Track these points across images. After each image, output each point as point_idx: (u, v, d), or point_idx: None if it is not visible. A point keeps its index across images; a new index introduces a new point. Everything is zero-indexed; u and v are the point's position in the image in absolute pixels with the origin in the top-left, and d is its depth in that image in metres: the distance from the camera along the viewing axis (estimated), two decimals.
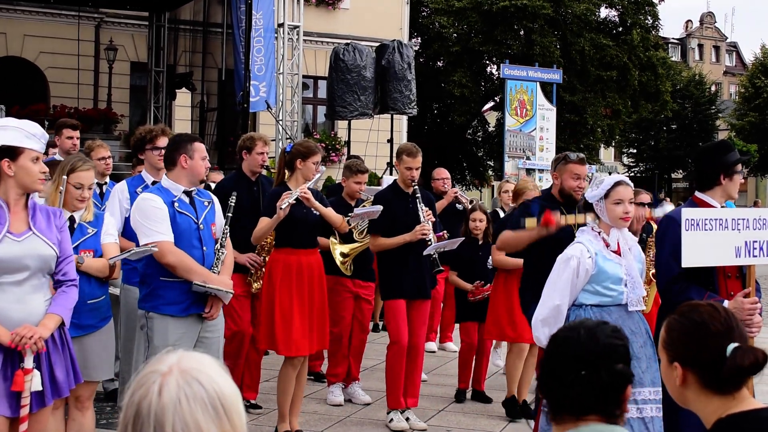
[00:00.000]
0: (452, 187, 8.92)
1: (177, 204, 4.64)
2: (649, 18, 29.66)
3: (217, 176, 9.82)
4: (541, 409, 4.65)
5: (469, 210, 7.43)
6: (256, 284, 6.35)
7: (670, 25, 68.70)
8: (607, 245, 4.29)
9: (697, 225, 4.01)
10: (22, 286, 3.68)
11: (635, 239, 4.59)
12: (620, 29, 29.00)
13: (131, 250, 4.60)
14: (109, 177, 6.80)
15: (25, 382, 3.62)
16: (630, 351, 2.07)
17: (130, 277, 5.67)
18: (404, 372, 6.27)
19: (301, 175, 5.76)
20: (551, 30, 26.86)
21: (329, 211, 5.86)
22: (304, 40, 16.43)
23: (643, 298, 4.50)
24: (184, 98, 19.07)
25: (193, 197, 4.73)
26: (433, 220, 6.26)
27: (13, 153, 3.66)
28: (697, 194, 4.41)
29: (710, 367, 2.12)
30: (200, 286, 4.57)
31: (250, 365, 6.53)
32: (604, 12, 29.36)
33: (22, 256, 3.65)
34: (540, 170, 18.66)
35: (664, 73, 30.91)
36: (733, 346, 2.11)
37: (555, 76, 20.08)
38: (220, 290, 4.65)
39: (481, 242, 7.13)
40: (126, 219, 5.52)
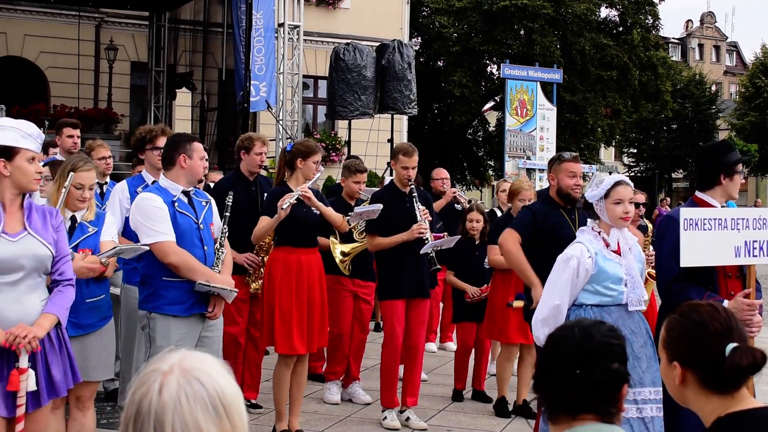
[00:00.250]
0: (452, 187, 8.93)
1: (177, 204, 4.62)
2: (650, 18, 29.68)
3: (216, 176, 9.82)
4: (541, 408, 4.65)
5: (466, 210, 7.44)
6: (254, 284, 6.35)
7: (671, 25, 68.83)
8: (607, 245, 4.29)
9: (696, 225, 4.01)
10: (18, 286, 3.68)
11: (635, 239, 4.59)
12: (620, 29, 29.02)
13: (116, 248, 4.52)
14: (110, 177, 6.81)
15: (21, 381, 3.60)
16: (627, 350, 2.07)
17: (131, 276, 5.65)
18: (398, 371, 6.29)
19: (302, 174, 5.76)
20: (551, 30, 26.87)
21: (330, 211, 5.86)
22: (305, 40, 16.43)
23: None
24: (184, 98, 19.08)
25: (191, 197, 4.72)
26: (430, 219, 6.26)
27: (9, 153, 3.65)
28: (698, 194, 4.41)
29: (709, 366, 2.13)
30: (204, 286, 4.56)
31: (250, 365, 6.53)
32: (604, 12, 29.40)
33: (17, 256, 3.64)
34: (540, 170, 18.68)
35: (664, 73, 30.92)
36: (732, 346, 2.11)
37: (555, 75, 20.10)
38: (224, 289, 4.64)
39: (478, 242, 7.15)
40: (126, 219, 5.51)
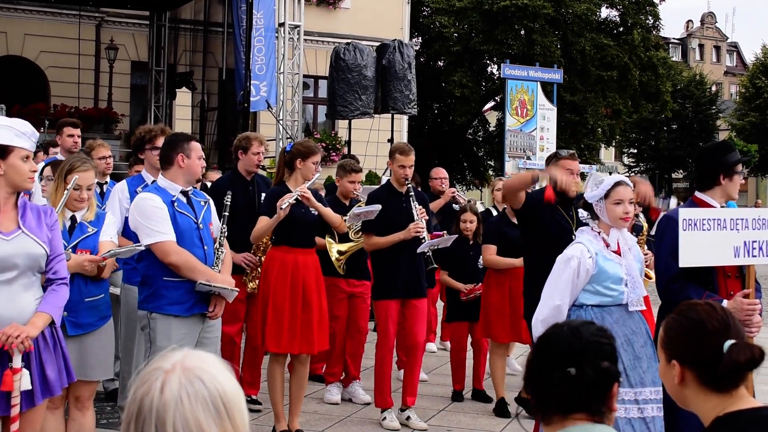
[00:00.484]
0: (451, 186, 8.93)
1: (176, 204, 4.62)
2: (650, 18, 29.68)
3: (215, 176, 9.82)
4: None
5: (459, 211, 7.47)
6: (251, 284, 6.36)
7: (671, 25, 68.85)
8: (607, 245, 4.29)
9: (695, 225, 4.01)
10: (12, 284, 3.67)
11: (635, 239, 4.59)
12: (621, 29, 29.02)
13: (111, 251, 4.50)
14: (110, 176, 6.81)
15: (14, 381, 3.59)
16: (617, 350, 2.08)
17: (131, 276, 5.63)
18: (391, 371, 6.31)
19: (301, 174, 5.76)
20: (552, 30, 26.87)
21: (328, 211, 5.86)
22: (305, 40, 16.42)
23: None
24: (184, 98, 19.06)
25: (190, 197, 4.72)
26: (426, 218, 6.26)
27: (3, 151, 3.64)
28: (697, 194, 4.41)
29: (708, 365, 2.13)
30: (205, 285, 4.55)
31: (249, 362, 6.54)
32: (604, 12, 29.40)
33: (11, 255, 3.63)
34: (540, 170, 18.67)
35: (664, 73, 30.93)
36: (729, 342, 2.12)
37: (556, 75, 20.10)
38: (225, 289, 4.64)
39: (472, 242, 7.21)
40: (126, 219, 5.50)
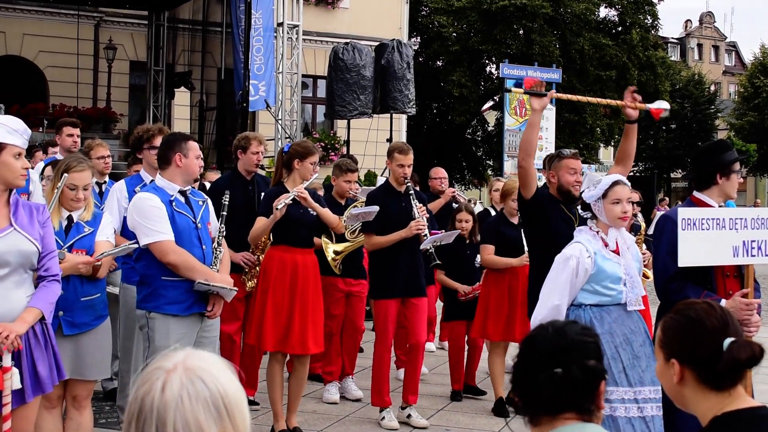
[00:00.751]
0: (450, 186, 8.92)
1: (174, 203, 4.61)
2: (649, 17, 29.72)
3: (214, 176, 9.82)
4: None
5: (455, 210, 7.48)
6: (250, 283, 6.38)
7: (670, 25, 68.56)
8: (606, 245, 4.29)
9: (694, 224, 4.01)
10: (4, 282, 3.66)
11: (633, 238, 4.59)
12: (619, 29, 29.05)
13: (104, 252, 4.49)
14: (109, 176, 6.81)
15: (5, 381, 3.58)
16: (602, 348, 2.08)
17: (130, 276, 5.63)
18: (389, 371, 6.31)
19: (299, 175, 5.76)
20: (551, 29, 26.88)
21: (326, 212, 5.86)
22: (304, 40, 16.41)
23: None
24: (183, 97, 19.07)
25: (188, 197, 4.71)
26: (427, 216, 6.27)
27: None
28: (695, 194, 4.41)
29: (707, 363, 2.14)
30: (203, 285, 4.55)
31: (246, 362, 6.54)
32: (603, 11, 29.43)
33: (3, 252, 3.63)
34: (539, 169, 18.66)
35: (663, 73, 30.94)
36: (729, 340, 2.12)
37: (554, 75, 20.08)
38: (223, 288, 4.63)
39: (468, 241, 7.22)
40: (125, 218, 5.50)
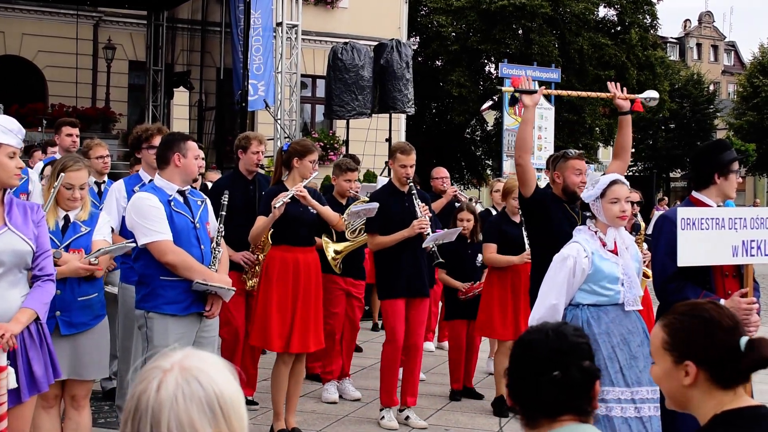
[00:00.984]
0: (451, 186, 8.93)
1: (173, 203, 4.61)
2: (648, 17, 29.70)
3: (214, 176, 9.82)
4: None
5: (456, 210, 7.48)
6: (250, 282, 6.39)
7: (669, 25, 68.82)
8: (604, 245, 4.29)
9: (693, 224, 4.01)
10: None
11: (632, 238, 4.59)
12: (618, 28, 29.04)
13: (101, 249, 4.49)
14: (108, 176, 6.81)
15: (1, 380, 3.57)
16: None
17: (128, 275, 5.62)
18: (399, 371, 6.29)
19: (298, 173, 5.77)
20: (550, 29, 26.87)
21: (326, 210, 5.85)
22: (303, 39, 16.42)
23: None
24: (182, 97, 19.05)
25: (186, 196, 4.71)
26: (429, 215, 6.27)
27: None
28: (694, 194, 4.41)
29: (721, 362, 2.15)
30: (201, 285, 4.55)
31: (246, 361, 6.54)
32: (602, 11, 29.42)
33: None
34: (538, 169, 18.62)
35: (662, 73, 30.92)
36: (745, 338, 2.14)
37: (553, 75, 20.06)
38: (221, 288, 4.63)
39: (469, 241, 7.23)
40: (123, 218, 5.50)
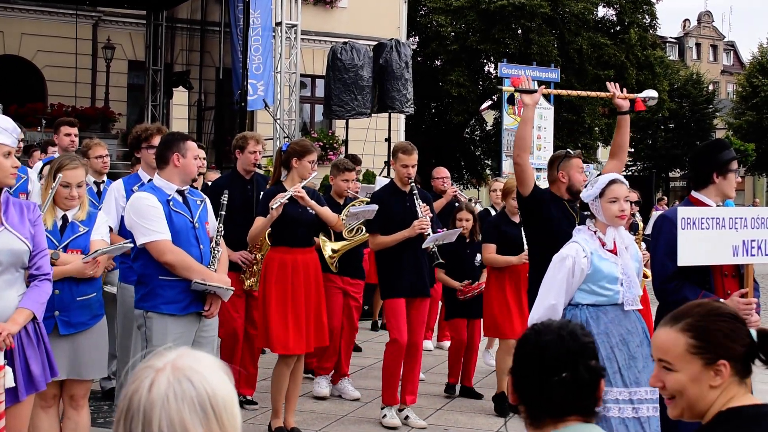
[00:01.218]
0: (451, 186, 8.93)
1: (172, 203, 4.61)
2: (647, 17, 29.70)
3: (214, 175, 9.80)
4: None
5: (455, 210, 7.49)
6: (248, 281, 6.41)
7: (668, 24, 68.86)
8: (603, 244, 4.29)
9: (694, 224, 4.01)
10: None
11: (632, 238, 4.59)
12: (618, 28, 29.03)
13: (98, 250, 4.48)
14: (107, 175, 6.80)
15: None
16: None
17: (127, 275, 5.62)
18: (401, 370, 6.29)
19: (297, 174, 5.76)
20: (549, 29, 26.86)
21: (325, 210, 5.85)
22: (302, 39, 16.41)
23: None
24: (181, 97, 19.03)
25: (186, 196, 4.71)
26: (431, 215, 6.26)
27: None
28: (693, 193, 4.42)
29: (744, 356, 2.17)
30: (200, 284, 4.55)
31: (245, 361, 6.54)
32: (601, 11, 29.41)
33: None
34: (537, 169, 18.62)
35: (661, 72, 30.92)
36: (754, 330, 2.18)
37: (553, 75, 20.04)
38: (220, 287, 4.63)
39: (468, 240, 7.24)
40: (122, 218, 5.49)
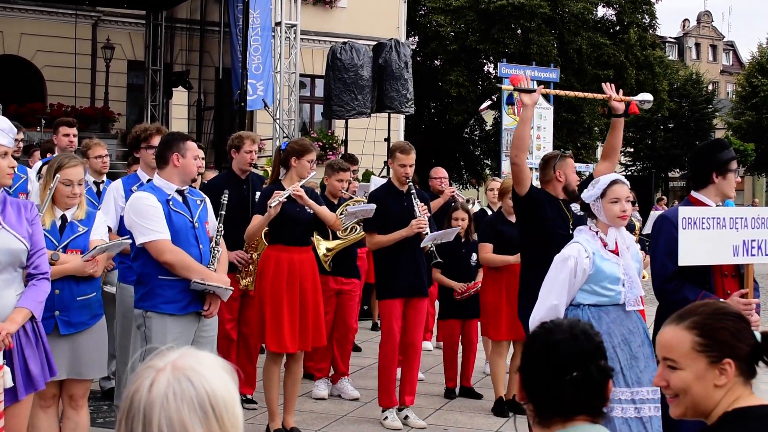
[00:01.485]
0: (450, 186, 8.92)
1: (171, 203, 4.61)
2: (647, 17, 29.73)
3: (212, 175, 9.79)
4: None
5: (450, 209, 7.49)
6: (244, 281, 6.42)
7: (668, 24, 68.90)
8: (605, 245, 4.28)
9: (694, 224, 4.01)
10: None
11: (633, 238, 4.58)
12: (617, 28, 29.06)
13: (97, 247, 4.48)
14: (107, 175, 6.79)
15: None
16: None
17: (126, 275, 5.60)
18: (396, 371, 6.28)
19: (296, 173, 5.75)
20: (548, 29, 26.87)
21: (323, 209, 5.84)
22: (302, 39, 16.40)
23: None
24: (181, 97, 19.02)
25: (185, 196, 4.71)
26: (428, 214, 6.25)
27: None
28: (693, 193, 4.41)
29: (749, 356, 2.17)
30: (199, 284, 4.55)
31: (243, 360, 6.54)
32: (601, 11, 29.44)
33: None
34: (537, 169, 18.64)
35: (661, 72, 30.94)
36: (757, 331, 2.19)
37: (552, 74, 20.04)
38: (219, 287, 4.63)
39: (464, 240, 7.24)
40: (122, 217, 5.48)
